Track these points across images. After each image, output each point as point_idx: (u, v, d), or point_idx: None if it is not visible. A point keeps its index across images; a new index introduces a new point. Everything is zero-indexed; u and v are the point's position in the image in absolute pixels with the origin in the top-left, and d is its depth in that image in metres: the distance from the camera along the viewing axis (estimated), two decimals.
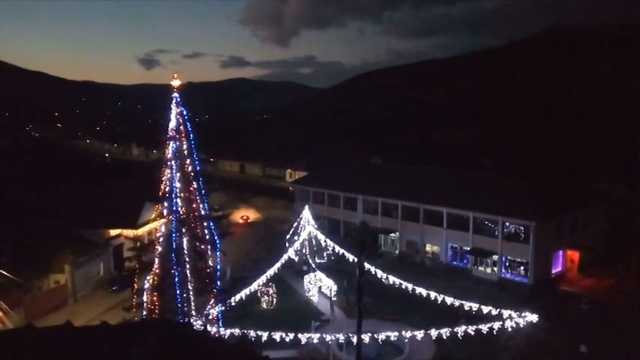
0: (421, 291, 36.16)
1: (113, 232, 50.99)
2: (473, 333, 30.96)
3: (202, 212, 30.07)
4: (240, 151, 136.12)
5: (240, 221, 72.99)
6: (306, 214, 50.69)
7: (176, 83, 29.04)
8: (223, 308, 32.29)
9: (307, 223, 50.03)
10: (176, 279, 28.37)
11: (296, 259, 48.62)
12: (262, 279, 40.95)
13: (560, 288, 44.42)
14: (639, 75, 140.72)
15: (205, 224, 30.19)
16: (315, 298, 42.96)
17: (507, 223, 46.25)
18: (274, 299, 41.38)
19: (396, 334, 31.51)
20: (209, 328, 29.58)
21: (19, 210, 49.85)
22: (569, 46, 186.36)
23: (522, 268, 45.25)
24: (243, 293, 38.26)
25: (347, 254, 43.22)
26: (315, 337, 31.47)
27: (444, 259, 50.59)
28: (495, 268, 46.86)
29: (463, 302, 34.24)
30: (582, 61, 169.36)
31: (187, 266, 28.91)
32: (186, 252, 29.00)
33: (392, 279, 37.81)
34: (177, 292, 28.42)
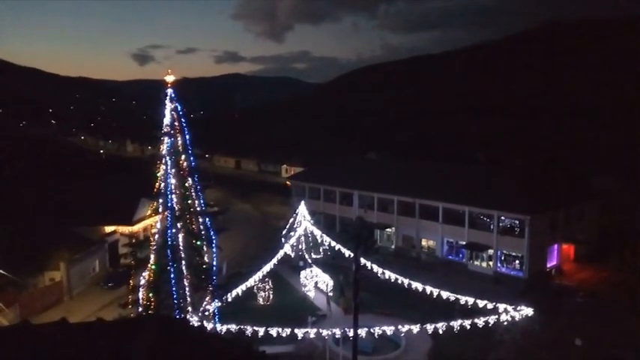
0: (417, 286, 36.32)
1: (108, 228, 50.80)
2: (469, 327, 31.13)
3: (198, 208, 29.99)
4: (235, 147, 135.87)
5: None
6: (302, 209, 50.70)
7: (170, 79, 28.85)
8: (220, 304, 32.26)
9: (303, 219, 50.06)
10: (172, 275, 28.32)
11: (292, 254, 48.68)
12: (259, 275, 41.01)
13: (555, 281, 44.68)
14: (635, 70, 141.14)
15: (201, 220, 30.12)
16: (311, 293, 43.05)
17: (502, 218, 46.42)
18: (271, 295, 41.41)
19: (393, 328, 31.62)
20: (205, 324, 29.57)
21: (13, 207, 49.57)
22: (565, 41, 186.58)
23: (517, 261, 45.46)
24: (240, 289, 38.32)
25: (343, 249, 43.34)
26: (312, 332, 31.54)
27: (440, 254, 50.75)
28: (491, 262, 47.05)
29: (459, 296, 34.45)
30: (578, 56, 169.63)
31: (183, 262, 28.84)
32: (182, 248, 28.94)
33: (388, 274, 37.94)
34: (173, 288, 28.37)
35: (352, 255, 30.28)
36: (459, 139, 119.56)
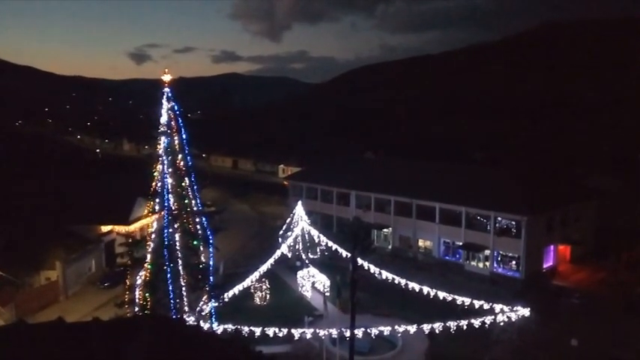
0: (414, 286, 36.36)
1: (105, 228, 50.66)
2: (465, 327, 31.18)
3: (195, 207, 29.95)
4: (232, 147, 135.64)
5: None
6: (299, 209, 50.68)
7: (167, 78, 28.82)
8: (216, 304, 32.23)
9: (300, 219, 50.05)
10: (168, 275, 28.27)
11: (289, 254, 48.67)
12: (255, 275, 40.98)
13: (552, 282, 44.76)
14: (635, 70, 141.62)
15: (198, 220, 30.08)
16: (308, 293, 43.03)
17: (499, 218, 46.49)
18: (267, 295, 41.38)
19: (389, 328, 31.64)
20: (202, 323, 29.53)
21: (9, 206, 49.39)
22: (565, 41, 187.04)
23: (514, 262, 45.52)
24: (237, 289, 38.29)
25: (340, 250, 43.36)
26: (309, 332, 31.53)
27: (437, 254, 50.77)
28: (487, 263, 47.09)
29: (456, 297, 34.48)
30: (577, 56, 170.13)
31: (180, 262, 28.79)
32: (178, 248, 28.88)
33: (385, 274, 37.97)
34: (170, 288, 28.32)
35: (349, 255, 30.27)
36: (458, 139, 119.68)
